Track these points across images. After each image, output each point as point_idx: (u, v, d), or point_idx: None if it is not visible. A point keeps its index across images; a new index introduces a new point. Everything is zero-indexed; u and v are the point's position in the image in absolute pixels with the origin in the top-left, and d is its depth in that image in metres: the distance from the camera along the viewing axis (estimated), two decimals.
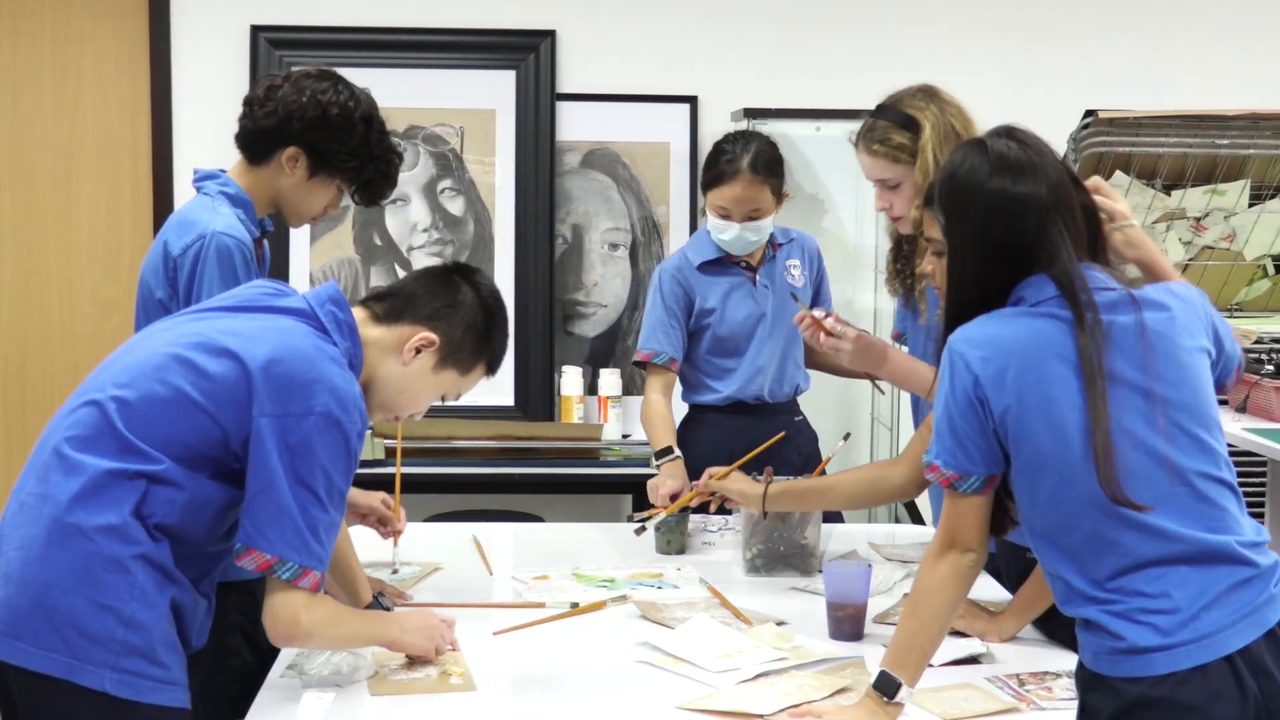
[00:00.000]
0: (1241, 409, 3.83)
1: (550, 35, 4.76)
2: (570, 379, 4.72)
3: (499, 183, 4.80)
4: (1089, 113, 4.26)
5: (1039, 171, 2.01)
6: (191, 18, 4.73)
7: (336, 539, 2.44)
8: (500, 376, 2.58)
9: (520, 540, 3.37)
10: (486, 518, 4.09)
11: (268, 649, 2.54)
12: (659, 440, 3.37)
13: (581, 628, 2.63)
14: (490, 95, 4.77)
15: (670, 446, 3.34)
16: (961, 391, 1.99)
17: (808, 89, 4.79)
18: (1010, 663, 2.42)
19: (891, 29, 4.84)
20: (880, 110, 2.86)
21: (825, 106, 4.68)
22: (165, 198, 4.71)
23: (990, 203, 2.01)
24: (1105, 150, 4.26)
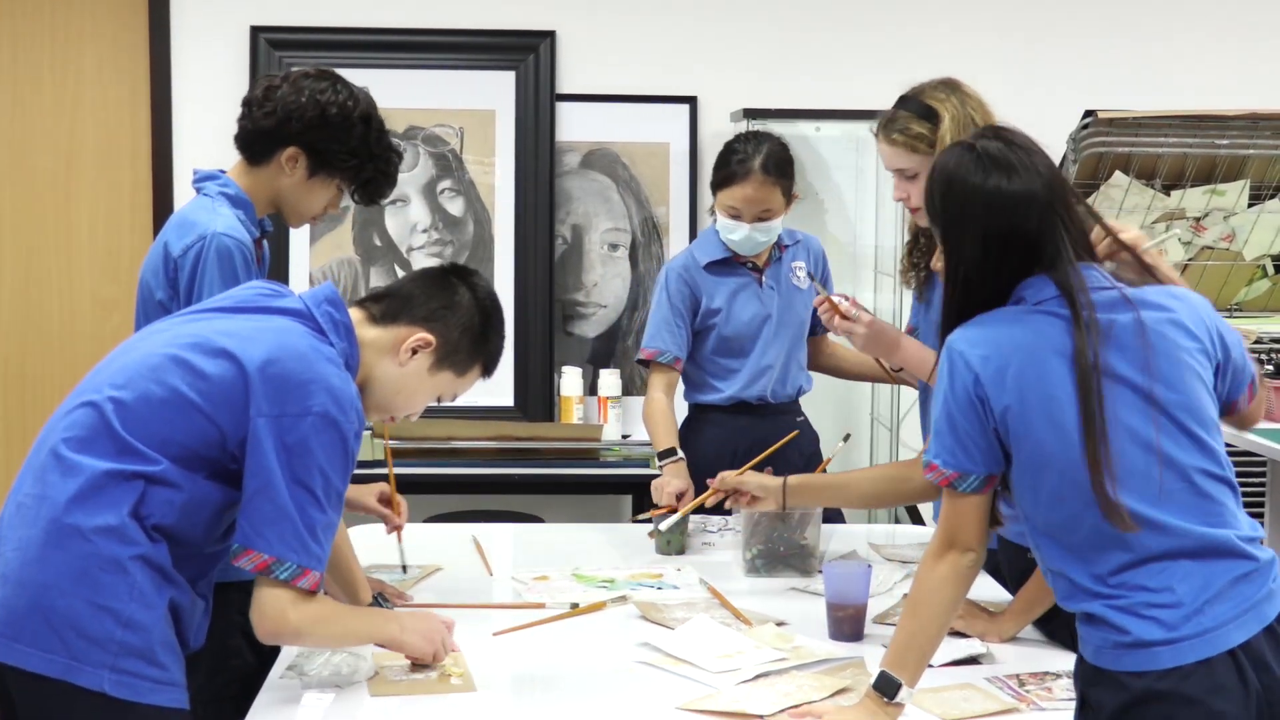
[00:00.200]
0: None
1: (550, 35, 4.76)
2: (570, 379, 4.72)
3: (499, 183, 4.80)
4: (1089, 113, 4.26)
5: (1031, 170, 2.01)
6: (191, 18, 4.73)
7: (335, 539, 2.46)
8: (500, 377, 2.58)
9: (520, 541, 3.37)
10: (486, 518, 4.09)
11: (268, 649, 2.54)
12: (661, 441, 3.37)
13: (581, 628, 2.63)
14: (490, 95, 4.77)
15: (674, 448, 3.34)
16: (962, 390, 1.99)
17: (808, 89, 4.79)
18: (1010, 663, 2.42)
19: (891, 29, 4.84)
20: (902, 101, 2.91)
21: (825, 106, 4.69)
22: (165, 198, 4.71)
23: (989, 202, 2.01)
24: (1105, 150, 4.26)
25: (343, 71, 2.78)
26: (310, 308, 2.22)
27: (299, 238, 4.71)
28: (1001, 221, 2.00)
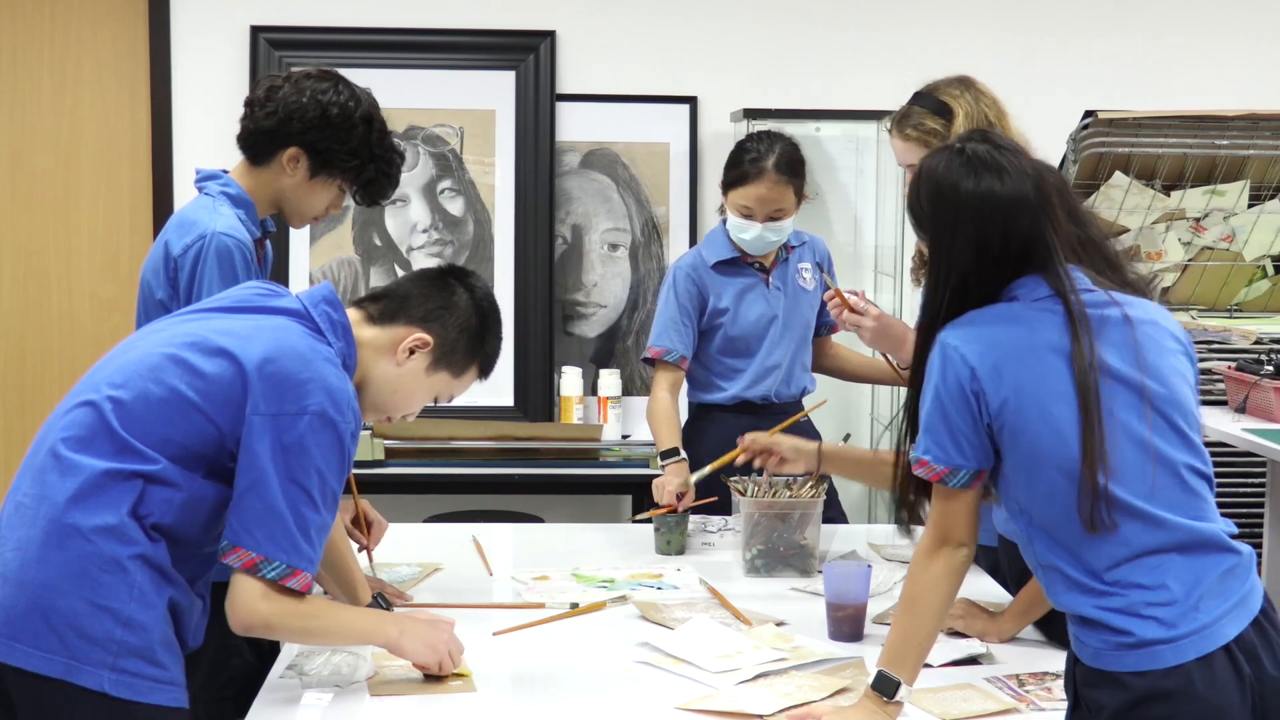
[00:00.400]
0: (1241, 409, 3.83)
1: (550, 36, 4.76)
2: (570, 379, 4.72)
3: (499, 183, 4.80)
4: (1089, 113, 4.26)
5: (1021, 172, 2.02)
6: (191, 18, 4.73)
7: (333, 540, 2.45)
8: (500, 377, 2.58)
9: (520, 541, 3.37)
10: (486, 518, 4.09)
11: (268, 649, 2.55)
12: (664, 440, 3.37)
13: (581, 628, 2.63)
14: (490, 95, 4.77)
15: (676, 447, 3.35)
16: (956, 385, 1.99)
17: (808, 89, 4.79)
18: (1010, 663, 2.42)
19: (892, 30, 4.84)
20: (916, 97, 2.93)
21: (825, 107, 4.69)
22: (165, 198, 4.71)
23: (981, 206, 2.01)
24: (1105, 151, 4.26)
25: (343, 71, 2.78)
26: (308, 307, 2.22)
27: (299, 238, 4.71)
28: (995, 224, 2.01)
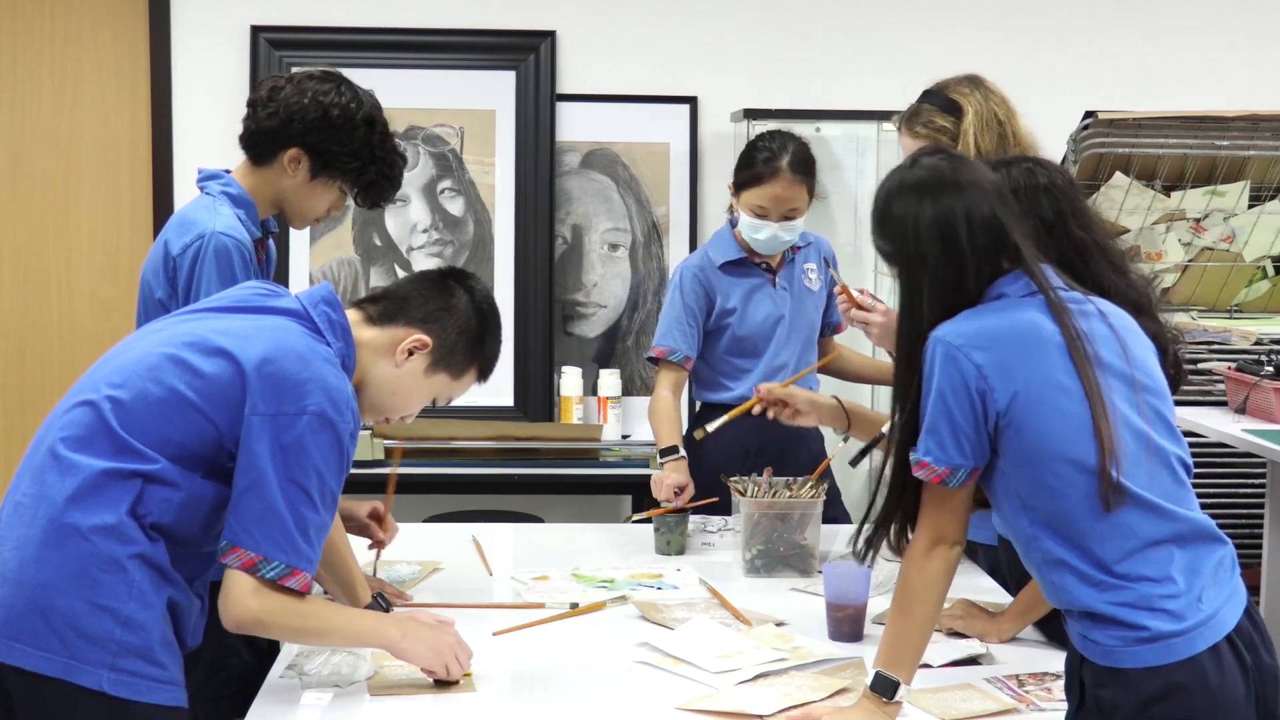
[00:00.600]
0: (1241, 410, 3.83)
1: (550, 36, 4.76)
2: (570, 379, 4.72)
3: (499, 183, 4.80)
4: (1089, 113, 4.26)
5: (977, 185, 2.05)
6: (191, 18, 4.73)
7: (333, 540, 2.45)
8: (500, 377, 2.58)
9: (520, 540, 3.37)
10: (486, 518, 4.09)
11: (268, 648, 2.55)
12: (664, 439, 3.38)
13: (581, 628, 2.63)
14: (490, 95, 4.77)
15: (675, 445, 3.35)
16: (960, 383, 1.99)
17: (808, 89, 4.79)
18: (1010, 663, 2.42)
19: (892, 30, 4.84)
20: (925, 95, 2.94)
21: (825, 107, 4.69)
22: (165, 198, 4.71)
23: (944, 216, 2.03)
24: (1105, 151, 4.26)
25: (343, 71, 2.78)
26: (307, 308, 2.22)
27: (299, 238, 4.71)
28: (960, 238, 2.02)
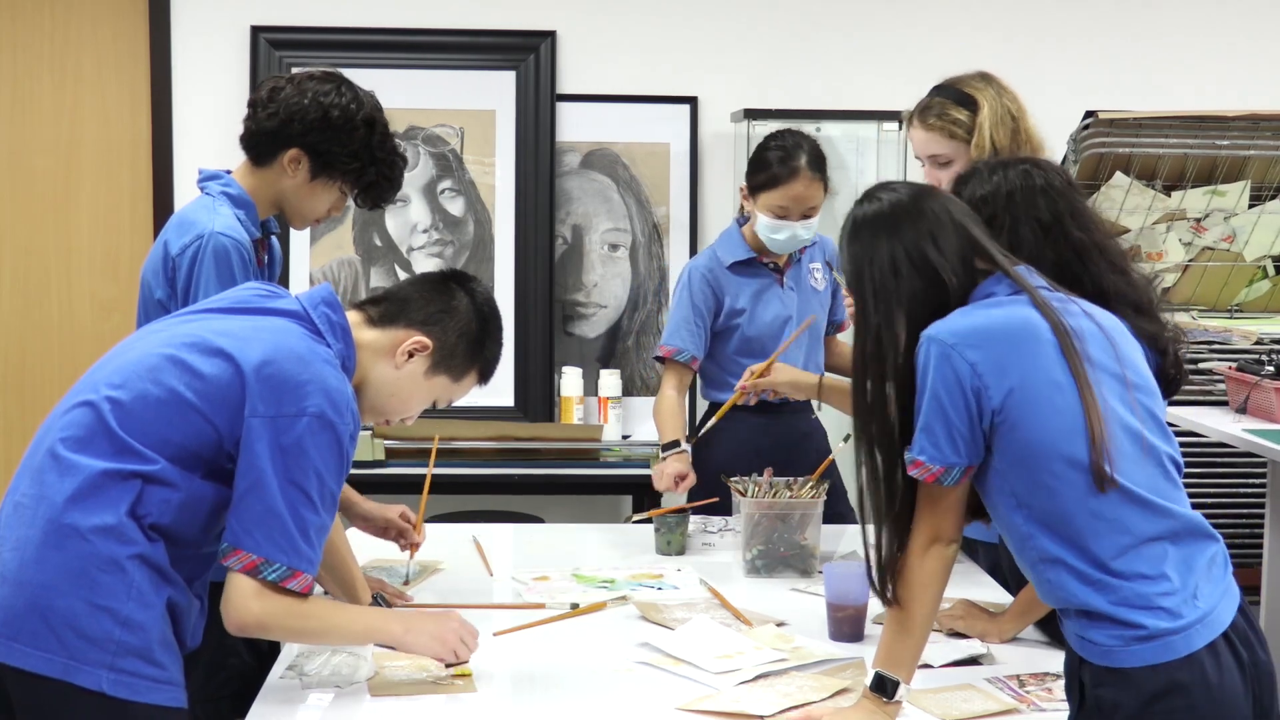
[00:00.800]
0: (1242, 409, 3.83)
1: (550, 36, 4.76)
2: (570, 380, 4.72)
3: (499, 183, 4.80)
4: (1089, 113, 4.26)
5: (943, 213, 2.07)
6: (191, 18, 4.73)
7: (333, 540, 2.45)
8: (500, 377, 2.58)
9: (520, 541, 3.37)
10: (486, 518, 4.09)
11: (268, 649, 2.55)
12: (667, 434, 3.38)
13: (581, 628, 2.62)
14: (490, 96, 4.77)
15: (678, 440, 3.35)
16: (955, 381, 1.98)
17: (808, 89, 4.79)
18: (1010, 663, 2.42)
19: (892, 30, 4.84)
20: (938, 89, 2.94)
21: (825, 107, 4.69)
22: (165, 198, 4.71)
23: (911, 254, 2.05)
24: (1105, 151, 4.26)
25: (343, 71, 2.78)
26: (307, 309, 2.21)
27: (299, 238, 4.72)
28: (930, 258, 2.04)
